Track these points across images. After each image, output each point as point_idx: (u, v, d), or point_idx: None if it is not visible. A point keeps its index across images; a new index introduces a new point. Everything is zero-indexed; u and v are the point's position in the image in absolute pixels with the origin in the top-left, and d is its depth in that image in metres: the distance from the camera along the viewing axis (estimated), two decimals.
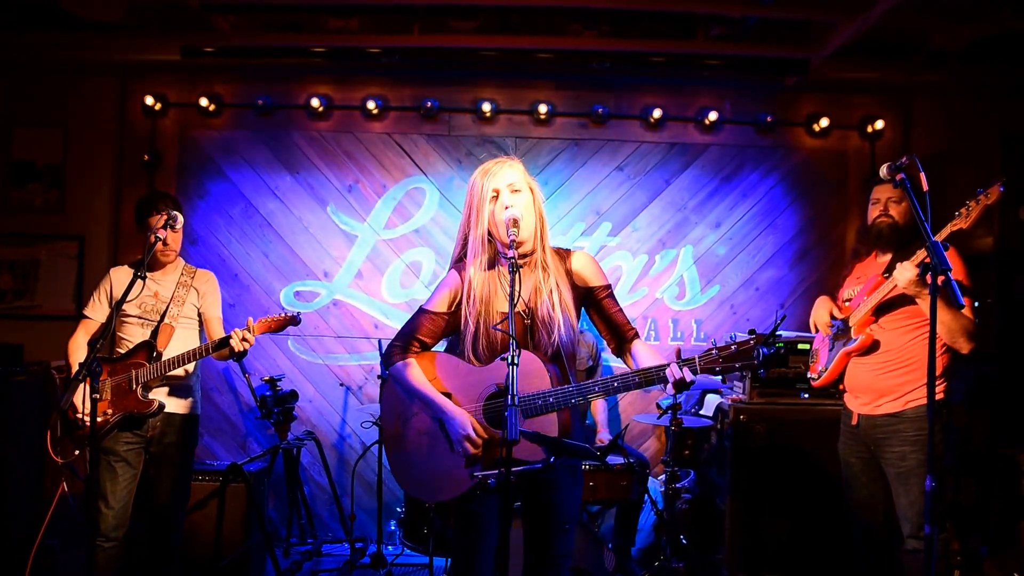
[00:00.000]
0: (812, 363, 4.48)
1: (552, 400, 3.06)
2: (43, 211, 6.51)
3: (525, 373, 3.08)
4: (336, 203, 6.57)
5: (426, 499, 3.38)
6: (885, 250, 4.16)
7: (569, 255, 3.36)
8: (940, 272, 2.92)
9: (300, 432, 6.11)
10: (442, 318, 3.30)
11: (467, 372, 3.23)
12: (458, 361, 3.28)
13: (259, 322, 4.33)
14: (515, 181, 3.18)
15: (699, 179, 6.61)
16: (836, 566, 5.11)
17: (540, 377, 3.10)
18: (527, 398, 3.06)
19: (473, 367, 3.23)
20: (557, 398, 3.06)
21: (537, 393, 3.06)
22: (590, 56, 6.18)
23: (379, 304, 6.55)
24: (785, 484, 5.20)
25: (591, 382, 3.07)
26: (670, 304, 6.59)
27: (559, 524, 3.27)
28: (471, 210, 3.23)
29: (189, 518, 4.95)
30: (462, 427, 3.09)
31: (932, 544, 2.94)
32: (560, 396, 3.06)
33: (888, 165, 3.32)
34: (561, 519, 3.28)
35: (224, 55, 6.19)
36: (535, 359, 3.12)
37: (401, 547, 5.95)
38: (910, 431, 3.89)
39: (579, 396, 3.06)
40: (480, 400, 3.19)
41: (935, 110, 6.53)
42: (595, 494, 4.92)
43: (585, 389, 3.06)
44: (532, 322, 3.22)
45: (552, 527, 3.27)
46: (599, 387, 3.06)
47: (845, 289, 4.37)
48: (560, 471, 3.21)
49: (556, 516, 3.27)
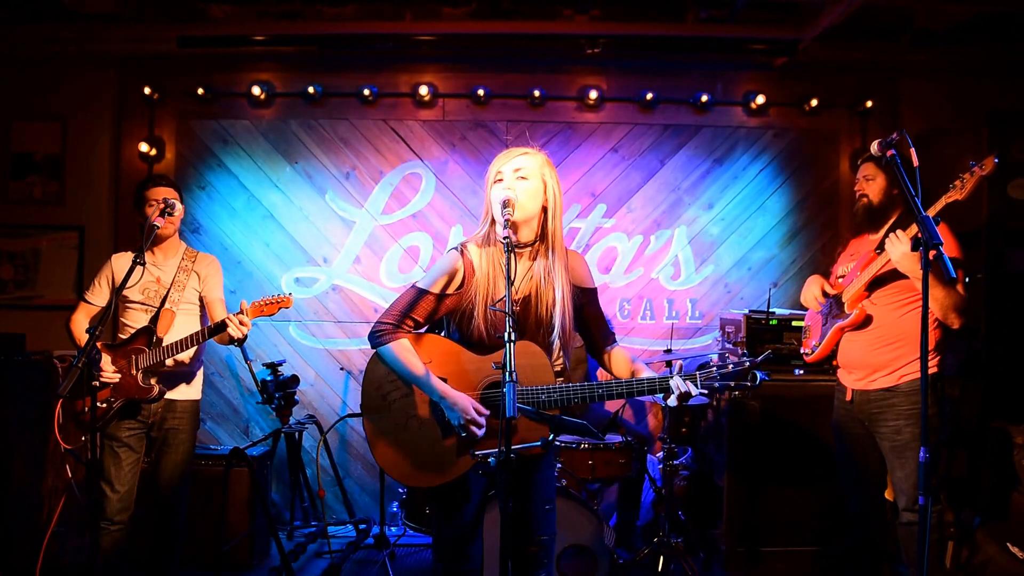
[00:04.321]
0: (805, 339, 4.53)
1: (556, 397, 3.07)
2: (43, 202, 6.54)
3: (529, 366, 3.10)
4: (334, 190, 6.62)
5: (408, 483, 3.27)
6: (863, 228, 4.23)
7: (567, 254, 3.35)
8: (932, 246, 2.93)
9: (302, 416, 6.17)
10: (438, 299, 3.21)
11: (467, 359, 3.20)
12: (458, 347, 3.24)
13: (252, 305, 4.31)
14: (524, 168, 3.17)
15: (692, 160, 6.67)
16: (833, 539, 5.19)
17: (544, 370, 3.12)
18: (530, 391, 3.07)
19: (473, 355, 3.21)
20: (561, 395, 3.07)
21: (540, 388, 3.08)
22: (582, 40, 6.22)
23: (378, 288, 6.60)
24: (781, 459, 5.26)
25: (595, 384, 3.09)
26: (665, 284, 6.65)
27: (541, 505, 3.30)
28: (486, 193, 3.24)
29: (193, 502, 5.00)
30: (465, 411, 3.06)
31: (926, 514, 2.97)
32: (564, 394, 3.07)
33: (879, 141, 3.33)
34: (542, 499, 3.31)
35: (221, 44, 6.23)
36: (540, 353, 3.13)
37: (404, 527, 5.98)
38: (904, 405, 3.95)
39: (582, 396, 3.09)
40: (478, 388, 3.18)
41: (923, 89, 6.59)
42: (594, 472, 4.97)
43: (588, 390, 3.09)
44: (536, 314, 3.21)
45: (535, 508, 3.29)
46: (603, 390, 3.09)
47: (839, 265, 4.41)
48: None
49: (538, 497, 3.30)
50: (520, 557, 3.28)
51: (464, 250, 3.25)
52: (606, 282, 6.60)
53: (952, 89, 6.48)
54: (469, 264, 3.22)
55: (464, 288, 3.22)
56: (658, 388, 3.06)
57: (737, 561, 5.28)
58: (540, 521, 3.30)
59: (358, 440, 6.59)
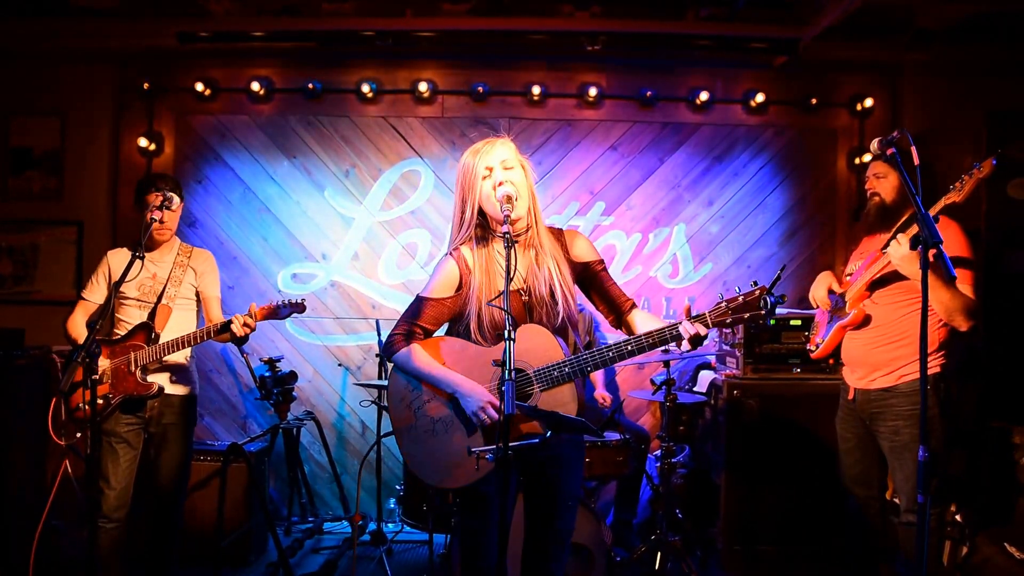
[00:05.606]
0: (812, 334, 4.51)
1: (568, 370, 3.05)
2: (42, 198, 6.55)
3: (537, 346, 3.08)
4: (333, 187, 6.62)
5: (448, 486, 3.23)
6: (874, 227, 4.20)
7: (562, 234, 3.37)
8: (932, 245, 2.91)
9: (300, 412, 6.18)
10: (443, 304, 3.26)
11: (476, 354, 3.19)
12: (465, 343, 3.24)
13: (261, 308, 4.31)
14: (508, 158, 3.18)
15: (691, 158, 6.67)
16: (829, 538, 5.20)
17: (552, 348, 3.10)
18: (543, 370, 3.06)
19: (482, 348, 3.20)
20: (573, 367, 3.05)
21: (553, 364, 3.06)
22: (582, 37, 6.21)
23: (376, 285, 6.60)
24: (779, 458, 5.27)
25: (605, 347, 3.05)
26: (664, 282, 6.65)
27: (563, 500, 3.28)
28: (464, 191, 3.22)
29: (191, 498, 5.01)
30: (478, 400, 3.06)
31: (925, 512, 2.96)
32: (576, 364, 3.05)
33: (879, 140, 3.31)
34: (565, 495, 3.29)
35: (220, 40, 6.22)
36: (543, 331, 3.11)
37: (401, 524, 6.01)
38: (903, 406, 3.92)
39: (595, 361, 3.05)
40: (492, 380, 3.16)
41: (923, 88, 6.58)
42: (591, 470, 4.96)
43: (599, 354, 3.05)
44: (530, 299, 3.22)
45: (557, 504, 3.27)
46: (613, 351, 3.04)
47: (850, 263, 4.38)
48: (565, 446, 3.25)
49: (561, 492, 3.28)
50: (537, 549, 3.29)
51: (456, 254, 3.27)
52: None
53: (952, 88, 6.47)
54: (464, 265, 3.24)
55: (463, 289, 3.24)
56: (668, 337, 3.02)
57: (734, 559, 5.29)
58: (560, 515, 3.29)
59: (355, 437, 6.59)
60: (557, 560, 3.29)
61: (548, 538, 3.27)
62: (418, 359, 3.21)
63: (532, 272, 3.23)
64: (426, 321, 3.27)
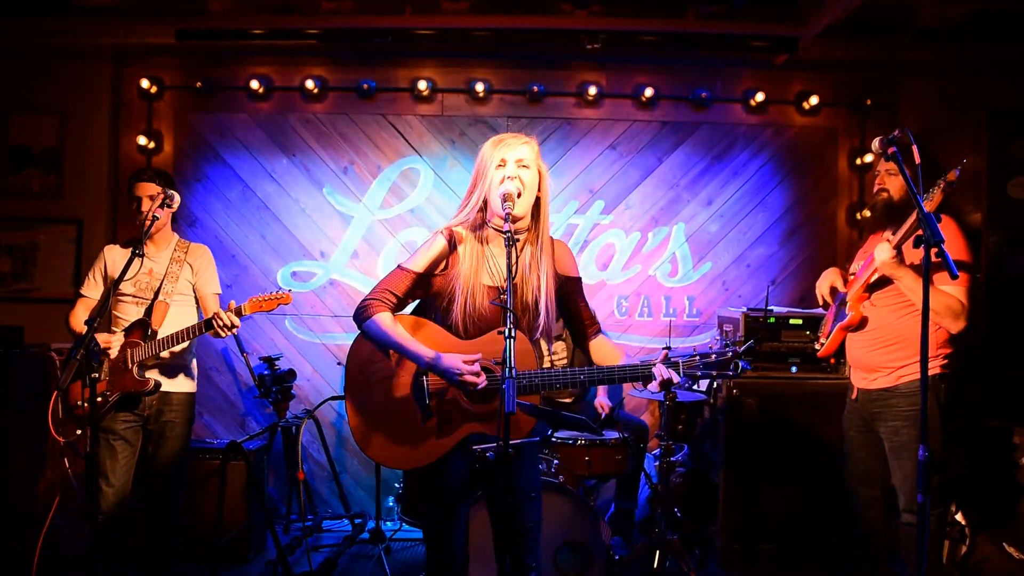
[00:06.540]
0: (820, 332, 4.48)
1: (539, 381, 3.09)
2: (41, 196, 6.54)
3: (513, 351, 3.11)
4: (332, 184, 6.61)
5: (389, 464, 3.32)
6: (880, 224, 4.16)
7: (552, 243, 3.38)
8: (934, 243, 2.90)
9: (298, 411, 6.17)
10: (419, 277, 3.24)
11: (454, 345, 3.18)
12: (445, 332, 3.24)
13: (250, 301, 4.31)
14: (525, 157, 3.19)
15: (691, 157, 6.66)
16: (828, 537, 5.20)
17: (527, 356, 3.13)
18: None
19: (460, 341, 3.20)
20: (544, 380, 3.09)
21: (523, 373, 3.08)
22: (581, 36, 6.20)
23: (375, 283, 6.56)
24: (778, 456, 5.27)
25: (578, 370, 3.11)
26: (663, 281, 6.64)
27: (526, 493, 3.30)
28: (477, 175, 3.24)
29: (190, 496, 5.00)
30: (456, 367, 3.02)
31: (925, 512, 2.96)
32: (547, 379, 3.10)
33: (880, 138, 3.31)
34: (527, 488, 3.31)
35: (219, 37, 6.22)
36: (523, 339, 3.14)
37: (399, 522, 6.01)
38: (902, 406, 3.91)
39: (563, 381, 3.11)
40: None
41: (923, 87, 6.57)
42: (590, 468, 4.97)
43: (572, 376, 3.11)
44: (522, 300, 3.23)
45: (519, 498, 3.29)
46: (585, 376, 3.12)
47: (855, 261, 4.37)
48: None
49: (519, 486, 3.29)
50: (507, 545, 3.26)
51: (450, 234, 3.27)
52: (603, 279, 6.60)
53: (952, 87, 6.45)
54: (455, 247, 3.25)
55: (447, 271, 3.25)
56: (640, 375, 3.09)
57: (733, 558, 5.29)
58: (525, 509, 3.30)
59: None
60: (532, 552, 3.31)
61: (517, 533, 3.28)
62: (389, 327, 3.18)
63: (523, 276, 3.24)
64: (398, 290, 3.25)
